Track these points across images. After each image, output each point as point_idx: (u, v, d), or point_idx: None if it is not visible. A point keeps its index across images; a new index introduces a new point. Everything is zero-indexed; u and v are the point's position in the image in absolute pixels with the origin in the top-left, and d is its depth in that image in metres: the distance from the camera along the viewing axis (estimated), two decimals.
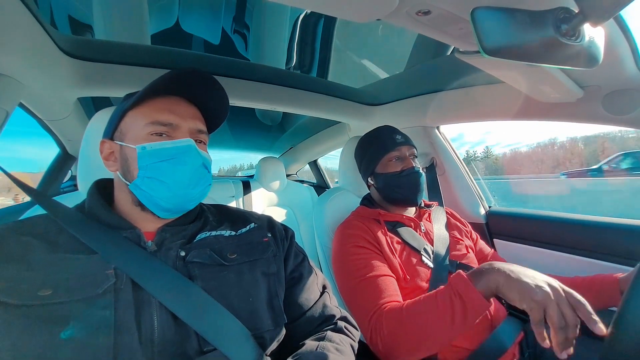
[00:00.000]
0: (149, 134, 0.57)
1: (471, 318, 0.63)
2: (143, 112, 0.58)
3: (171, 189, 0.56)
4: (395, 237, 0.94)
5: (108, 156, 0.61)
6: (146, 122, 0.57)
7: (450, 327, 0.64)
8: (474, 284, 0.63)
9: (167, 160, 0.56)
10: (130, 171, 0.57)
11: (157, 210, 0.58)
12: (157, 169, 0.56)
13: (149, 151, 0.56)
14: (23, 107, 1.15)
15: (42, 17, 0.80)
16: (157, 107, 0.59)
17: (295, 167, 3.16)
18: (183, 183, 0.57)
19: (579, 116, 1.03)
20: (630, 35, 0.70)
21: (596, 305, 0.56)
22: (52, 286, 0.45)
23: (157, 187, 0.56)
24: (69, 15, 1.22)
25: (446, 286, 0.69)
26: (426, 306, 0.69)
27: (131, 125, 0.58)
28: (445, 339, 0.67)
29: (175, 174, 0.56)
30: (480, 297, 0.62)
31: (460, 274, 0.67)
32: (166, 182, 0.56)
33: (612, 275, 0.82)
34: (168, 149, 0.56)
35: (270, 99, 1.41)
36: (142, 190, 0.56)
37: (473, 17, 0.46)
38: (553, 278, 0.59)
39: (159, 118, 0.57)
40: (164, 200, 0.56)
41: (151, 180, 0.56)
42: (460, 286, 0.65)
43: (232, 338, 0.51)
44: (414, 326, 0.69)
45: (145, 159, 0.56)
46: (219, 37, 1.48)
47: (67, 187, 1.99)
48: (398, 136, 1.02)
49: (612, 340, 0.47)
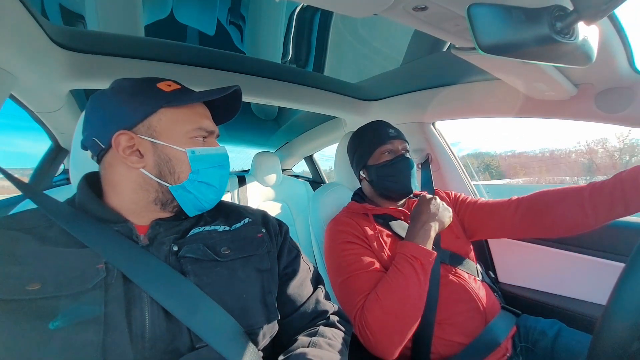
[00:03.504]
0: (190, 138, 0.58)
1: (428, 269, 0.79)
2: (186, 114, 0.59)
3: (217, 193, 0.62)
4: (385, 230, 0.95)
5: (126, 149, 0.55)
6: (193, 127, 0.59)
7: (419, 285, 0.77)
8: (418, 243, 0.81)
9: (216, 166, 0.61)
10: (174, 173, 0.57)
11: (193, 210, 0.61)
12: (209, 174, 0.60)
13: (198, 156, 0.58)
14: (14, 99, 1.13)
15: (32, 7, 0.78)
16: (198, 112, 0.61)
17: (291, 162, 3.16)
18: (224, 187, 0.64)
19: (573, 114, 1.04)
20: (624, 34, 0.71)
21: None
22: (41, 280, 0.45)
23: (206, 190, 0.60)
24: (60, 5, 1.20)
25: (399, 256, 0.82)
26: (395, 280, 0.78)
27: (170, 125, 0.57)
28: (422, 300, 0.78)
29: (222, 179, 0.63)
30: (428, 250, 0.80)
31: (406, 242, 0.83)
32: (216, 186, 0.61)
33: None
34: (214, 156, 0.61)
35: (266, 93, 1.40)
36: (189, 192, 0.58)
37: (469, 13, 0.46)
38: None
39: (203, 124, 0.60)
40: (209, 202, 0.61)
41: (201, 184, 0.59)
42: (412, 251, 0.80)
43: (225, 334, 0.51)
44: (394, 302, 0.75)
45: (198, 163, 0.58)
46: (214, 29, 1.46)
47: (59, 181, 1.97)
48: (391, 130, 1.02)
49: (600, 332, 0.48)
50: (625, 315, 0.46)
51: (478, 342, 0.84)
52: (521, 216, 0.93)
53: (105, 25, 1.20)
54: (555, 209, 0.88)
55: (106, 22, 1.19)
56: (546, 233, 0.91)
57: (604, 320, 0.48)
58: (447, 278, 0.90)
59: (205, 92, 0.60)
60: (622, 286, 0.49)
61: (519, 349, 0.90)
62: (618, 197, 0.77)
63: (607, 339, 0.47)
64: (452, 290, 0.88)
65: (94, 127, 0.57)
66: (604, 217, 0.80)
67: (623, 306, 0.47)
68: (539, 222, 0.90)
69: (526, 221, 0.92)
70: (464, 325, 0.86)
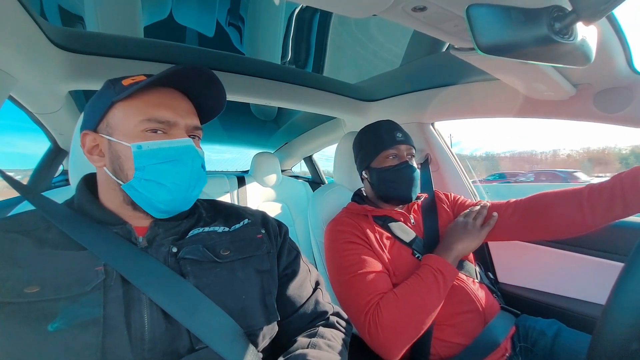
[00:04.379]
0: (143, 131, 0.53)
1: (449, 285, 0.83)
2: (137, 105, 0.54)
3: (171, 192, 0.54)
4: (385, 232, 0.95)
5: (92, 150, 0.56)
6: (141, 119, 0.53)
7: (439, 298, 0.80)
8: (445, 259, 0.85)
9: (167, 162, 0.53)
10: (123, 170, 0.54)
11: (153, 211, 0.56)
12: (156, 171, 0.53)
13: (145, 151, 0.52)
14: (13, 101, 1.13)
15: (31, 8, 0.78)
16: (152, 101, 0.54)
17: (290, 163, 3.16)
18: (183, 186, 0.55)
19: (572, 114, 1.04)
20: (622, 34, 0.71)
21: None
22: (40, 283, 0.45)
23: (156, 190, 0.53)
24: (59, 6, 1.19)
25: (425, 267, 0.84)
26: (417, 286, 0.80)
27: (122, 120, 0.54)
28: (436, 310, 0.79)
29: (176, 177, 0.54)
30: (454, 268, 0.85)
31: (433, 256, 0.86)
32: (166, 185, 0.53)
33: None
34: (167, 150, 0.54)
35: (265, 94, 1.40)
36: (138, 191, 0.53)
37: (468, 14, 0.46)
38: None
39: (155, 114, 0.53)
40: (163, 203, 0.54)
41: (149, 182, 0.53)
42: (439, 265, 0.83)
43: (224, 335, 0.50)
44: (412, 308, 0.77)
45: (142, 159, 0.52)
46: (213, 30, 1.46)
47: (58, 182, 1.97)
48: (399, 134, 1.00)
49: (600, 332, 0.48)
50: (624, 314, 0.46)
51: (477, 342, 0.84)
52: (519, 218, 0.93)
53: (104, 26, 1.19)
54: (553, 211, 0.88)
55: (105, 23, 1.19)
56: (545, 235, 0.92)
57: (603, 320, 0.48)
58: None
59: (154, 76, 0.54)
60: (621, 286, 0.49)
61: (519, 349, 0.90)
62: (617, 198, 0.77)
63: (606, 338, 0.47)
64: (451, 292, 0.88)
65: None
66: (602, 218, 0.80)
67: (622, 306, 0.47)
68: (537, 224, 0.90)
69: (524, 223, 0.92)
70: (463, 326, 0.86)
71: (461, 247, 0.88)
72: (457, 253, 0.87)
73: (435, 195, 1.13)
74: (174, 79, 0.56)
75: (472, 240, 0.90)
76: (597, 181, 0.84)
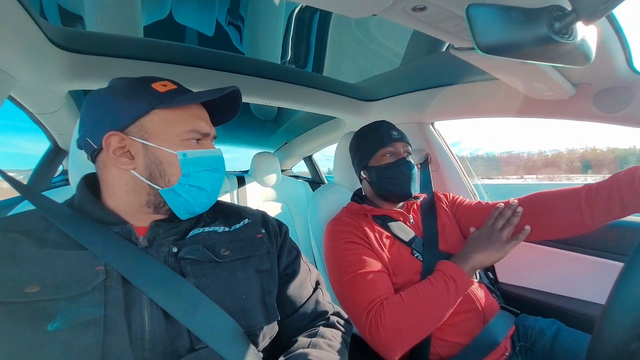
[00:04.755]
0: (183, 140, 0.57)
1: (462, 294, 0.80)
2: (180, 116, 0.57)
3: (209, 197, 0.60)
4: (384, 231, 0.95)
5: (117, 151, 0.54)
6: (186, 129, 0.57)
7: (447, 305, 0.78)
8: (461, 267, 0.81)
9: (209, 170, 0.59)
10: (165, 175, 0.56)
11: (184, 213, 0.59)
12: (201, 178, 0.58)
13: (190, 159, 0.57)
14: (12, 100, 1.13)
15: (31, 8, 0.78)
16: (193, 113, 0.59)
17: (290, 163, 3.16)
18: (217, 191, 0.62)
19: (571, 114, 1.04)
20: (622, 34, 0.71)
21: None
22: (40, 283, 0.45)
23: (198, 194, 0.58)
24: (59, 6, 1.19)
25: (437, 273, 0.82)
26: (426, 292, 0.79)
27: (163, 127, 0.55)
28: (444, 317, 0.78)
29: (214, 183, 0.61)
30: (469, 277, 0.81)
31: (448, 262, 0.83)
32: (207, 190, 0.59)
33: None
34: (207, 159, 0.59)
35: (265, 94, 1.40)
36: (179, 195, 0.56)
37: (468, 14, 0.46)
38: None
39: (197, 126, 0.58)
40: (201, 206, 0.60)
41: (192, 187, 0.57)
42: (452, 272, 0.80)
43: (224, 335, 0.50)
44: (417, 311, 0.76)
45: (188, 166, 0.56)
46: (213, 29, 1.46)
47: (58, 182, 1.97)
48: (394, 132, 1.02)
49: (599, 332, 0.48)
50: (624, 314, 0.46)
51: (477, 342, 0.84)
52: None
53: (104, 26, 1.19)
54: (551, 211, 0.88)
55: (105, 23, 1.19)
56: (543, 235, 0.91)
57: (602, 320, 0.48)
58: None
59: (201, 93, 0.59)
60: (621, 285, 0.49)
61: (518, 349, 0.90)
62: (615, 198, 0.77)
63: (606, 338, 0.47)
64: None
65: (87, 127, 0.57)
66: (600, 218, 0.80)
67: (622, 305, 0.47)
68: (535, 223, 0.90)
69: (522, 223, 0.92)
70: (462, 325, 0.86)
71: (480, 258, 0.83)
72: (474, 263, 0.82)
73: (435, 195, 1.13)
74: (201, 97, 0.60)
75: (493, 253, 0.84)
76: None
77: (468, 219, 1.03)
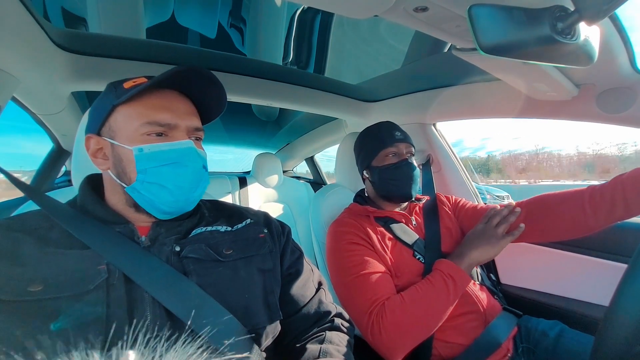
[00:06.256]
0: (144, 134, 0.54)
1: (461, 292, 0.81)
2: (137, 108, 0.54)
3: (173, 194, 0.55)
4: (387, 233, 0.95)
5: (96, 153, 0.57)
6: (142, 122, 0.53)
7: (447, 303, 0.78)
8: (458, 265, 0.82)
9: (169, 164, 0.54)
10: (126, 173, 0.55)
11: (157, 213, 0.57)
12: (158, 174, 0.54)
13: (147, 154, 0.53)
14: (16, 102, 1.13)
15: (35, 10, 0.79)
16: (152, 103, 0.55)
17: (292, 164, 3.16)
18: (185, 187, 0.56)
19: (574, 114, 1.04)
20: (625, 34, 0.71)
21: None
22: (43, 282, 0.45)
23: (159, 192, 0.54)
24: (63, 8, 1.20)
25: (436, 272, 0.83)
26: (425, 291, 0.79)
27: (124, 123, 0.55)
28: (444, 315, 0.78)
29: (177, 179, 0.55)
30: (466, 275, 0.82)
31: (445, 261, 0.84)
32: (168, 187, 0.54)
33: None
34: (168, 152, 0.54)
35: (267, 95, 1.41)
36: (142, 194, 0.54)
37: (470, 14, 0.46)
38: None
39: (156, 118, 0.54)
40: (165, 204, 0.55)
41: (152, 185, 0.54)
42: (450, 270, 0.81)
43: (227, 334, 0.51)
44: (418, 311, 0.77)
45: (144, 162, 0.53)
46: (215, 31, 1.47)
47: (61, 183, 1.97)
48: (397, 133, 1.02)
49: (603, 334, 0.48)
50: (627, 316, 0.46)
51: (479, 343, 0.84)
52: (521, 220, 0.92)
53: (107, 27, 1.20)
54: (555, 212, 0.87)
55: (108, 25, 1.20)
56: (547, 236, 0.91)
57: (606, 322, 0.48)
58: None
59: (154, 78, 0.54)
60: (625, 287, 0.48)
61: (521, 350, 0.90)
62: (618, 199, 0.77)
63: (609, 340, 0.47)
64: None
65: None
66: (604, 219, 0.80)
67: (626, 307, 0.47)
68: (539, 225, 0.89)
69: (527, 225, 0.92)
70: (464, 327, 0.85)
71: (477, 254, 0.84)
72: (471, 260, 0.83)
73: (437, 197, 1.13)
74: (174, 81, 0.57)
75: (489, 249, 0.84)
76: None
77: (470, 222, 1.03)
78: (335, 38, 1.47)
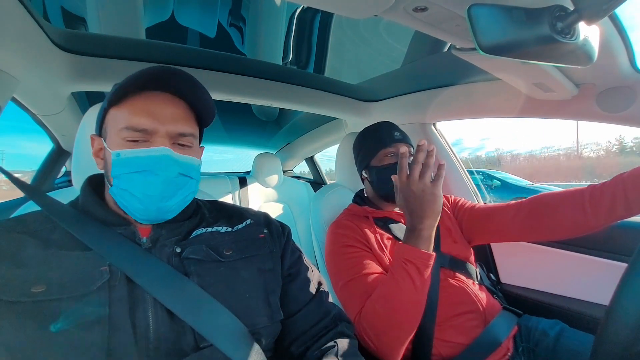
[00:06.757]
0: (124, 139, 0.53)
1: (425, 273, 0.71)
2: (122, 112, 0.54)
3: (142, 202, 0.53)
4: (385, 233, 0.95)
5: (97, 152, 0.59)
6: (122, 126, 0.53)
7: (415, 291, 0.71)
8: (412, 245, 0.72)
9: (139, 172, 0.52)
10: (108, 177, 0.56)
11: (139, 218, 0.56)
12: (129, 181, 0.52)
13: (122, 159, 0.52)
14: (16, 102, 1.13)
15: (34, 10, 0.79)
16: (135, 107, 0.53)
17: (291, 164, 3.16)
18: (155, 196, 0.53)
19: (574, 114, 1.04)
20: (625, 33, 0.71)
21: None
22: (45, 283, 0.45)
23: (130, 199, 0.53)
24: (62, 8, 1.20)
25: (393, 261, 0.75)
26: (387, 286, 0.74)
27: (111, 126, 0.55)
28: (417, 306, 0.72)
29: (146, 188, 0.52)
30: (424, 252, 0.71)
31: (400, 245, 0.75)
32: (137, 195, 0.52)
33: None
34: (140, 159, 0.52)
35: (267, 95, 1.41)
36: (118, 199, 0.55)
37: (469, 14, 0.46)
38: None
39: (133, 122, 0.52)
40: (137, 212, 0.54)
41: (124, 192, 0.53)
42: (405, 254, 0.72)
43: (228, 334, 0.51)
44: (386, 307, 0.72)
45: (119, 167, 0.52)
46: (214, 31, 1.46)
47: (61, 183, 1.97)
48: (397, 133, 1.02)
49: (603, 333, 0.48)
50: (628, 315, 0.46)
51: (479, 342, 0.84)
52: (522, 220, 0.92)
53: (107, 27, 1.20)
54: (556, 212, 0.87)
55: (107, 25, 1.20)
56: (548, 235, 0.91)
57: (606, 321, 0.48)
58: (446, 282, 0.89)
59: (126, 81, 0.53)
60: (625, 286, 0.48)
61: (521, 349, 0.90)
62: (619, 198, 0.77)
63: (610, 339, 0.47)
64: (452, 293, 0.88)
65: None
66: (605, 218, 0.80)
67: (626, 306, 0.47)
68: (540, 225, 0.89)
69: (527, 225, 0.92)
70: (464, 326, 0.85)
71: (427, 222, 0.71)
72: (425, 233, 0.72)
73: None
74: (160, 83, 0.55)
75: (432, 205, 0.71)
76: None
77: (470, 221, 1.03)
78: (335, 38, 1.47)
